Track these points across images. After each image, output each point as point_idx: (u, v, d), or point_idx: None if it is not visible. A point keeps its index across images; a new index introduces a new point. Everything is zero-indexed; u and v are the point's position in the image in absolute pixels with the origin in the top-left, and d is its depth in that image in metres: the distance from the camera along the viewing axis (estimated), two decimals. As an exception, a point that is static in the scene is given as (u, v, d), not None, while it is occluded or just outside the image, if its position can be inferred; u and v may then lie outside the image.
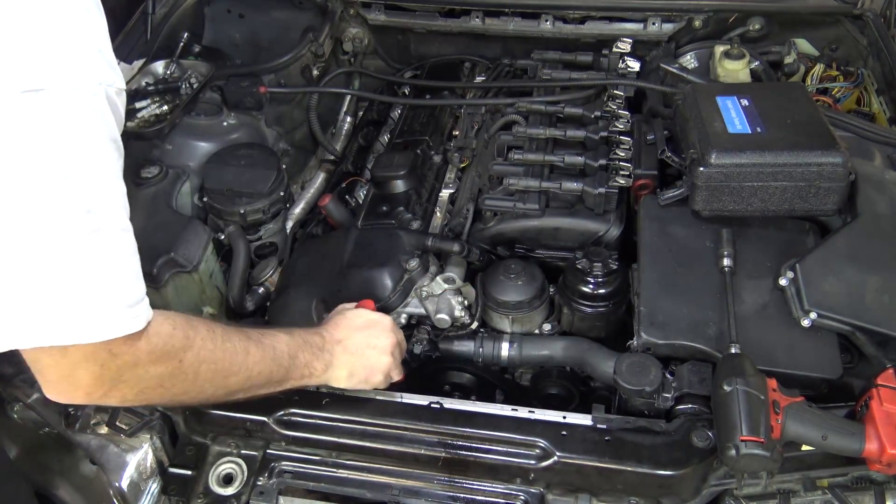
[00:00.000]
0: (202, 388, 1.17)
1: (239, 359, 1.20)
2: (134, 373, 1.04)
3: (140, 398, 1.10)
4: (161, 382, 1.09)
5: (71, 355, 0.97)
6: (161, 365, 1.07)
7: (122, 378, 1.03)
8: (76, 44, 0.92)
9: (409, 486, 1.36)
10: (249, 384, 1.23)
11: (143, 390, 1.08)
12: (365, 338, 1.40)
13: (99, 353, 0.99)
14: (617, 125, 1.79)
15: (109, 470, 1.44)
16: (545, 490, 1.33)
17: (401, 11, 2.36)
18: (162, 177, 1.77)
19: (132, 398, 1.09)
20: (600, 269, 1.57)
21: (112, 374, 1.02)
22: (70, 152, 0.90)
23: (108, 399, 1.06)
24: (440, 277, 1.61)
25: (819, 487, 1.29)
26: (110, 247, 0.97)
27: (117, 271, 0.98)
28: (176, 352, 1.09)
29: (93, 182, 0.93)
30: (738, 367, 1.25)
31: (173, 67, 2.07)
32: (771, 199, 1.48)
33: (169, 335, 1.08)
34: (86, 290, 0.94)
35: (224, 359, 1.17)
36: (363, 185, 2.00)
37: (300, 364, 1.30)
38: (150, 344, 1.04)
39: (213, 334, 1.16)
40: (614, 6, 2.19)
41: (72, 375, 1.00)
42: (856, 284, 1.39)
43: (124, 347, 1.01)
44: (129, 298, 1.00)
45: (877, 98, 1.98)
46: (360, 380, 1.39)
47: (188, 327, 1.12)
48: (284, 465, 1.40)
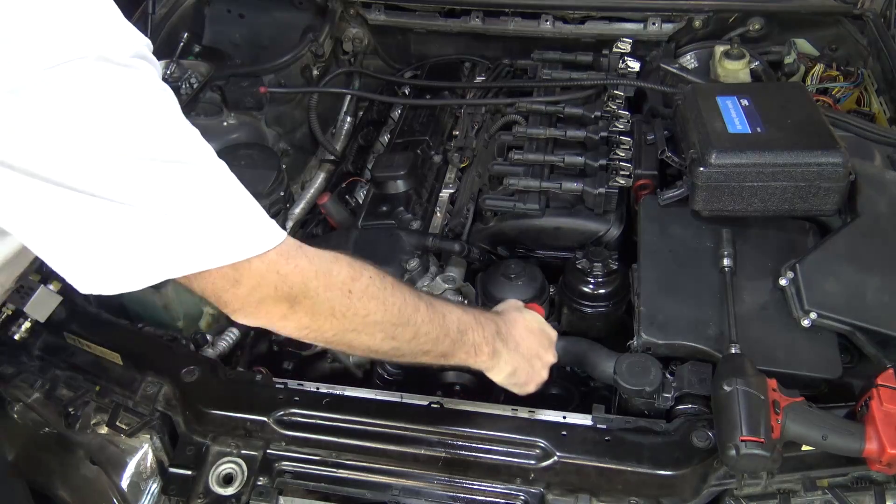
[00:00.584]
0: (372, 331, 1.15)
1: (408, 311, 1.18)
2: (307, 294, 1.05)
3: (316, 326, 1.10)
4: (333, 311, 1.09)
5: (243, 283, 1.00)
6: (330, 290, 1.08)
7: (297, 299, 1.05)
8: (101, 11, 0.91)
9: (409, 486, 1.36)
10: (416, 344, 1.20)
11: (317, 316, 1.08)
12: (538, 346, 1.38)
13: (268, 275, 1.01)
14: (617, 125, 1.79)
15: (109, 470, 1.45)
16: (545, 490, 1.33)
17: (401, 11, 2.36)
18: (162, 177, 1.76)
19: (308, 324, 1.09)
20: (600, 269, 1.57)
21: (287, 294, 1.04)
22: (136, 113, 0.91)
23: (289, 322, 1.07)
24: (440, 277, 1.61)
25: (819, 487, 1.29)
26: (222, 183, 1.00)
27: (238, 195, 1.01)
28: (344, 279, 1.10)
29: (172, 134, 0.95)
30: (739, 367, 1.25)
31: (173, 67, 2.07)
32: (771, 199, 1.48)
33: (331, 261, 1.10)
34: (222, 215, 0.97)
35: (394, 304, 1.16)
36: (363, 185, 2.00)
37: (468, 342, 1.27)
38: (312, 264, 1.06)
39: (384, 279, 1.16)
40: (614, 6, 2.19)
41: (251, 299, 1.02)
42: (856, 284, 1.39)
43: (288, 267, 1.03)
44: (260, 215, 1.02)
45: (877, 98, 1.98)
46: (520, 382, 1.37)
47: (353, 261, 1.14)
48: (284, 465, 1.40)
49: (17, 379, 1.52)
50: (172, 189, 0.93)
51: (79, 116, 0.86)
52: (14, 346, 1.55)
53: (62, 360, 1.56)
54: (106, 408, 1.48)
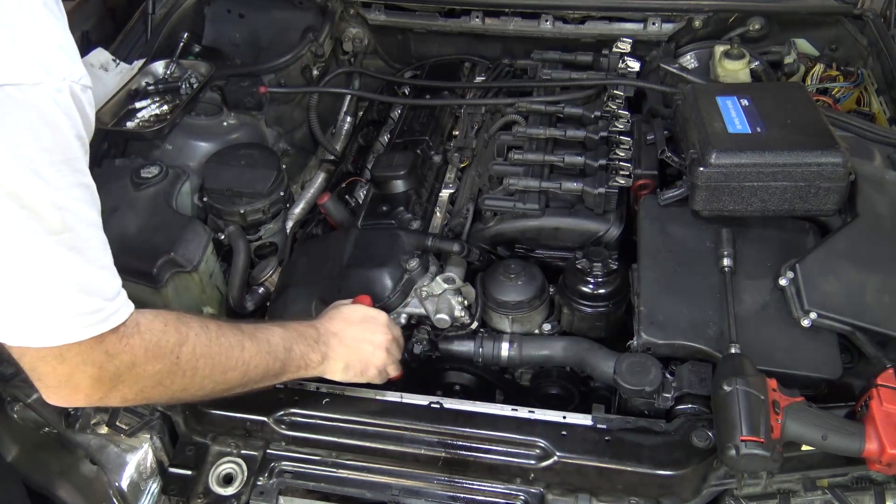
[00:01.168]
0: (201, 384, 1.16)
1: (235, 353, 1.20)
2: (132, 372, 1.04)
3: (140, 397, 1.11)
4: (160, 381, 1.09)
5: (68, 360, 0.98)
6: (158, 362, 1.07)
7: (121, 378, 1.03)
8: (36, 40, 0.89)
9: (409, 486, 1.36)
10: (247, 378, 1.23)
11: (143, 389, 1.08)
12: (360, 332, 1.40)
13: (95, 355, 0.99)
14: (617, 125, 1.79)
15: (109, 470, 1.45)
16: (545, 490, 1.33)
17: (401, 11, 2.36)
18: (162, 177, 1.77)
19: (132, 398, 1.09)
20: (600, 269, 1.57)
21: (110, 375, 1.02)
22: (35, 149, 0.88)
23: (109, 400, 1.06)
24: (440, 277, 1.61)
25: (819, 487, 1.29)
26: (82, 244, 0.96)
27: (92, 267, 0.97)
28: (171, 347, 1.09)
29: (60, 179, 0.91)
30: (738, 367, 1.25)
31: (173, 67, 2.07)
32: (771, 199, 1.48)
33: (161, 331, 1.08)
34: (64, 289, 0.94)
35: (220, 353, 1.17)
36: (363, 185, 2.00)
37: (296, 356, 1.30)
38: (144, 341, 1.04)
39: (207, 330, 1.16)
40: (614, 6, 2.19)
41: (71, 380, 1.00)
42: (856, 284, 1.39)
43: (119, 346, 1.01)
44: (108, 292, 0.99)
45: (877, 98, 1.98)
46: (356, 372, 1.40)
47: (180, 324, 1.12)
48: (284, 465, 1.40)
49: (17, 379, 1.51)
50: (28, 245, 0.90)
51: None
52: (14, 346, 1.55)
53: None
54: (106, 408, 1.48)
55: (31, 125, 0.88)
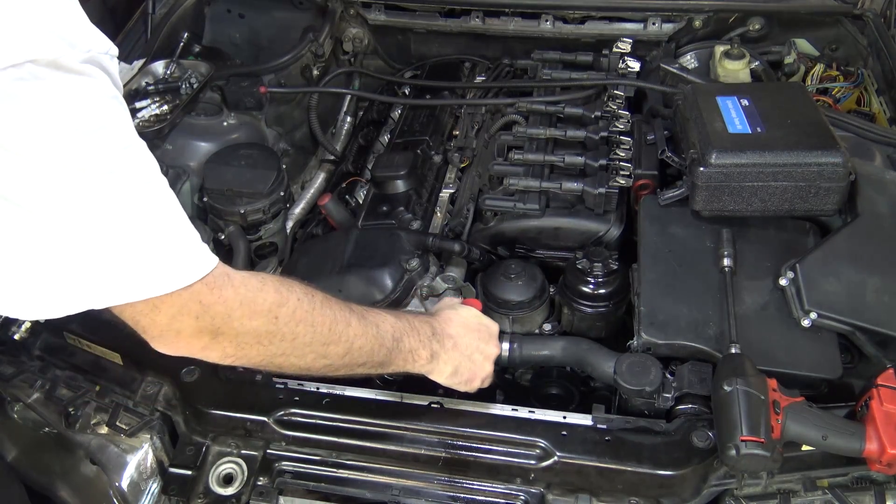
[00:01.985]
0: (302, 352, 1.14)
1: (339, 328, 1.16)
2: (230, 325, 1.03)
3: (241, 354, 1.08)
4: (258, 339, 1.07)
5: (163, 311, 0.97)
6: (255, 318, 1.05)
7: (220, 330, 1.02)
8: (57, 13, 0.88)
9: (409, 486, 1.36)
10: (350, 358, 1.20)
11: (242, 345, 1.07)
12: (476, 340, 1.38)
13: (189, 305, 0.98)
14: (617, 125, 1.79)
15: (109, 470, 1.45)
16: (545, 490, 1.33)
17: (401, 11, 2.36)
18: (162, 177, 1.76)
19: (233, 353, 1.07)
20: (600, 269, 1.57)
21: (208, 326, 1.01)
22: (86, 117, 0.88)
23: (211, 352, 1.05)
24: (440, 277, 1.61)
25: (819, 487, 1.29)
26: (159, 199, 0.96)
27: (175, 219, 0.97)
28: (269, 306, 1.07)
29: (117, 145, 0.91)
30: (739, 367, 1.25)
31: (173, 67, 2.07)
32: (771, 199, 1.48)
33: (258, 288, 1.06)
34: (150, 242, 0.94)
35: (323, 324, 1.14)
36: (363, 185, 2.00)
37: (405, 349, 1.27)
38: (238, 294, 1.03)
39: (312, 298, 1.14)
40: (614, 6, 2.19)
41: (170, 328, 1.00)
42: (856, 284, 1.39)
43: (211, 297, 1.00)
44: (192, 243, 0.99)
45: (877, 98, 1.98)
46: (462, 380, 1.37)
47: (280, 285, 1.10)
48: (284, 465, 1.40)
49: (17, 379, 1.52)
50: (105, 205, 0.89)
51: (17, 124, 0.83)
52: (14, 346, 1.55)
53: (62, 360, 1.56)
54: (106, 408, 1.48)
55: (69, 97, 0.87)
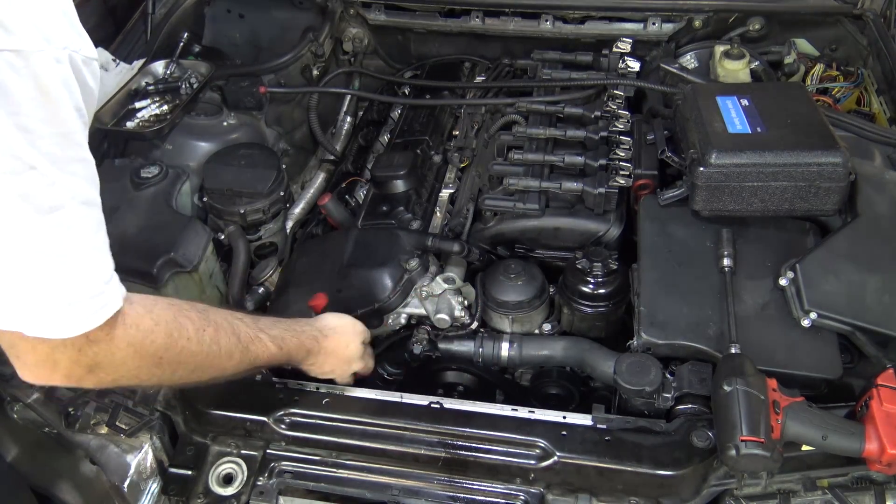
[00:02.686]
0: (173, 379, 1.16)
1: (221, 362, 1.19)
2: (111, 361, 1.01)
3: (115, 384, 1.09)
4: (138, 374, 1.07)
5: (49, 342, 0.95)
6: (139, 360, 1.05)
7: (100, 365, 1.01)
8: (37, 5, 0.85)
9: (409, 486, 1.36)
10: (218, 378, 1.23)
11: (119, 378, 1.06)
12: (343, 363, 1.46)
13: (77, 340, 0.96)
14: (617, 125, 1.79)
15: (109, 470, 1.44)
16: (545, 490, 1.33)
17: (401, 11, 2.36)
18: (162, 177, 1.77)
19: (108, 382, 1.06)
20: (600, 269, 1.57)
21: (89, 360, 0.99)
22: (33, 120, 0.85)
23: (84, 383, 1.03)
24: (440, 277, 1.61)
25: (819, 487, 1.29)
26: (73, 225, 0.92)
27: (83, 250, 0.93)
28: (156, 349, 1.06)
29: (56, 152, 0.88)
30: (738, 367, 1.25)
31: (173, 67, 2.07)
32: (771, 199, 1.48)
33: (149, 330, 1.04)
34: (50, 275, 0.90)
35: (207, 359, 1.16)
36: (363, 185, 2.00)
37: (274, 366, 1.38)
38: (127, 335, 1.01)
39: (201, 336, 1.13)
40: (614, 6, 2.19)
41: (49, 360, 0.97)
42: (856, 284, 1.39)
43: (101, 334, 0.98)
44: (98, 278, 0.96)
45: (877, 98, 1.98)
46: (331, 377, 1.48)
47: (173, 325, 1.08)
48: (284, 465, 1.40)
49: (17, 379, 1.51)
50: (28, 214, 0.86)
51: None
52: (14, 346, 1.54)
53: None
54: (106, 408, 1.48)
55: (28, 94, 0.84)
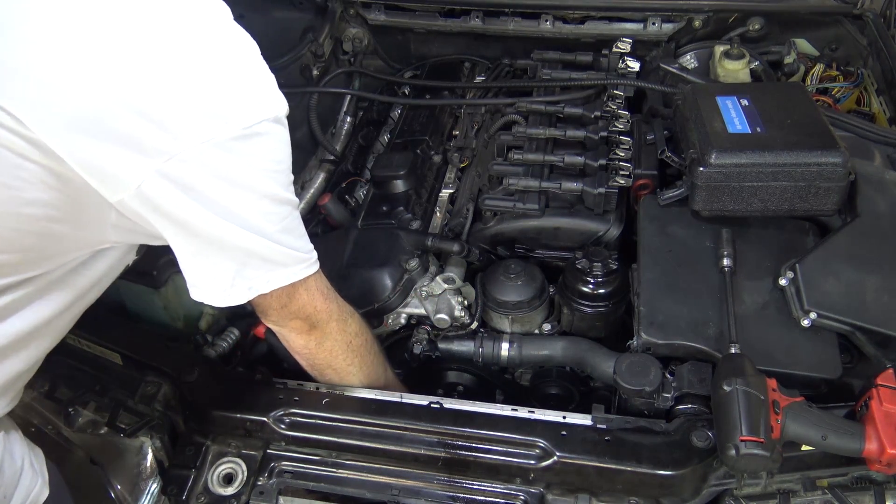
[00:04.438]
0: (341, 378, 1.44)
1: (376, 375, 1.48)
2: (324, 330, 1.32)
3: (314, 353, 1.37)
4: (332, 351, 1.36)
5: (290, 305, 1.24)
6: (339, 335, 1.35)
7: (317, 327, 1.30)
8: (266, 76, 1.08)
9: (409, 486, 1.36)
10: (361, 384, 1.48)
11: (320, 348, 1.35)
12: None
13: (308, 305, 1.26)
14: (617, 125, 1.79)
15: (109, 470, 1.44)
16: (545, 490, 1.33)
17: (401, 11, 2.36)
18: (162, 177, 1.76)
19: (311, 349, 1.35)
20: (600, 269, 1.57)
21: (313, 321, 1.29)
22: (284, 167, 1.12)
23: (299, 339, 1.33)
24: (440, 277, 1.61)
25: (819, 487, 1.29)
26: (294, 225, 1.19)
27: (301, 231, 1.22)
28: (352, 332, 1.38)
29: (289, 185, 1.14)
30: (738, 367, 1.25)
31: (173, 67, 2.07)
32: (771, 199, 1.48)
33: (350, 314, 1.37)
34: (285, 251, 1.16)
35: (371, 371, 1.46)
36: (363, 185, 2.00)
37: None
38: (338, 309, 1.33)
39: (371, 347, 1.45)
40: (614, 6, 2.19)
41: (288, 317, 1.27)
42: (856, 284, 1.39)
43: (323, 304, 1.28)
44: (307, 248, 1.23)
45: (877, 98, 1.98)
46: None
47: (363, 323, 1.42)
48: (284, 465, 1.40)
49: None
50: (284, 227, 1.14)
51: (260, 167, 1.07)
52: (14, 346, 1.54)
53: (62, 360, 1.56)
54: (106, 408, 1.48)
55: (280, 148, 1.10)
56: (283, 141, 1.09)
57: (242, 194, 1.06)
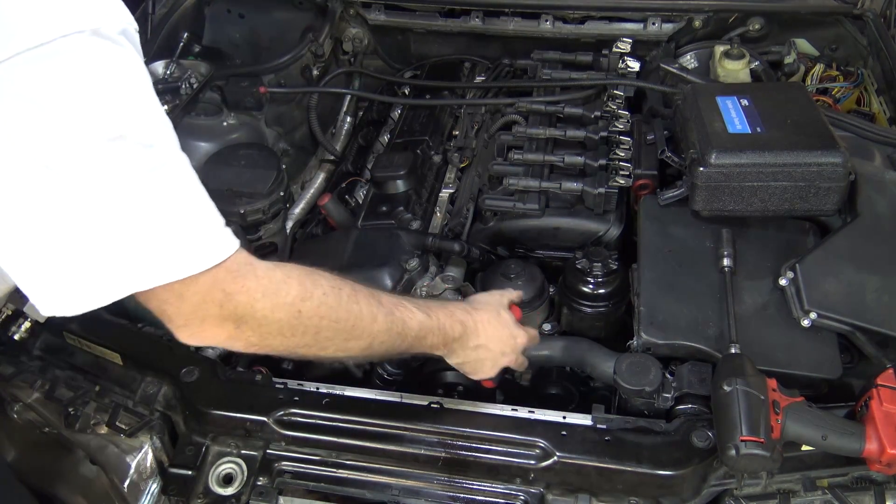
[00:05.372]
0: (323, 345, 1.14)
1: (364, 324, 1.16)
2: (253, 315, 1.04)
3: (264, 344, 1.09)
4: (281, 331, 1.08)
5: (188, 298, 0.98)
6: (278, 311, 1.06)
7: (244, 319, 1.03)
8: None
9: (409, 486, 1.36)
10: (370, 352, 1.20)
11: (265, 335, 1.07)
12: (497, 351, 1.38)
13: (213, 293, 0.99)
14: (617, 125, 1.79)
15: (109, 470, 1.44)
16: (545, 490, 1.33)
17: (401, 11, 2.36)
18: (162, 177, 1.76)
19: (256, 342, 1.08)
20: (600, 269, 1.57)
21: (232, 314, 1.02)
22: (121, 92, 0.91)
23: (236, 341, 1.06)
24: (440, 277, 1.61)
25: (819, 487, 1.29)
26: (182, 178, 0.97)
27: (196, 200, 0.98)
28: (293, 299, 1.07)
29: (149, 117, 0.94)
30: (738, 367, 1.25)
31: (173, 67, 2.07)
32: (771, 199, 1.48)
33: (281, 280, 1.07)
34: (171, 224, 0.94)
35: (347, 320, 1.14)
36: (363, 185, 2.00)
37: (425, 344, 1.27)
38: (260, 284, 1.03)
39: (339, 292, 1.13)
40: (614, 6, 2.19)
41: (195, 317, 1.01)
42: (856, 284, 1.39)
43: (235, 286, 1.01)
44: (214, 224, 1.00)
45: (877, 98, 1.98)
46: (465, 371, 1.41)
47: (306, 278, 1.10)
48: (284, 465, 1.40)
49: (17, 379, 1.52)
50: (133, 182, 0.90)
51: (67, 93, 0.85)
52: (14, 346, 1.55)
53: (62, 360, 1.56)
54: (106, 408, 1.48)
55: (111, 68, 0.90)
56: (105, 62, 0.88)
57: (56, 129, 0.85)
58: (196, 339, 1.04)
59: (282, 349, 1.12)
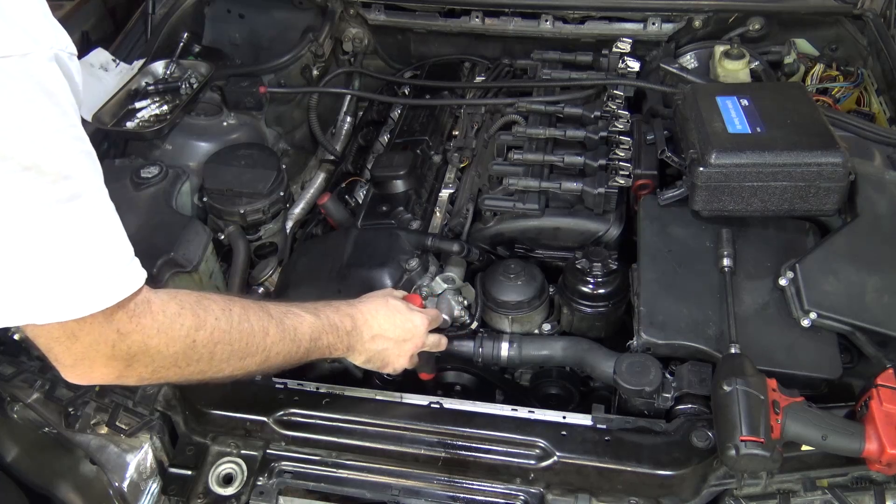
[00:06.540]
0: (219, 367, 1.14)
1: (257, 340, 1.17)
2: (146, 352, 1.02)
3: (156, 377, 1.08)
4: (175, 362, 1.07)
5: (81, 339, 0.96)
6: (173, 346, 1.05)
7: (136, 358, 1.02)
8: (21, 10, 0.88)
9: (409, 486, 1.36)
10: (267, 364, 1.21)
11: (158, 370, 1.06)
12: (398, 344, 1.40)
13: (107, 333, 0.97)
14: (617, 125, 1.79)
15: (109, 470, 1.44)
16: (545, 490, 1.33)
17: (401, 11, 2.36)
18: (162, 177, 1.77)
19: (149, 377, 1.06)
20: (600, 269, 1.57)
21: (124, 354, 1.00)
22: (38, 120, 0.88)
23: (126, 379, 1.04)
24: (440, 277, 1.61)
25: (819, 487, 1.29)
26: (93, 212, 0.95)
27: (104, 236, 0.96)
28: (187, 331, 1.06)
29: (64, 146, 0.91)
30: (738, 367, 1.25)
31: (173, 67, 2.07)
32: (771, 199, 1.48)
33: (176, 314, 1.05)
34: (75, 260, 0.92)
35: (241, 339, 1.14)
36: (363, 185, 2.00)
37: (322, 346, 1.28)
38: (156, 322, 1.02)
39: (229, 314, 1.13)
40: (614, 6, 2.19)
41: (85, 358, 0.98)
42: (856, 284, 1.39)
43: (130, 325, 0.99)
44: (118, 261, 0.98)
45: (877, 98, 1.98)
46: (375, 366, 1.42)
47: (198, 307, 1.09)
48: (284, 465, 1.40)
49: (17, 379, 1.52)
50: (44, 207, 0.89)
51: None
52: (14, 346, 1.55)
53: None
54: (106, 408, 1.48)
55: (29, 96, 0.87)
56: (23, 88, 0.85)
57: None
58: (84, 379, 1.02)
59: (176, 379, 1.11)
